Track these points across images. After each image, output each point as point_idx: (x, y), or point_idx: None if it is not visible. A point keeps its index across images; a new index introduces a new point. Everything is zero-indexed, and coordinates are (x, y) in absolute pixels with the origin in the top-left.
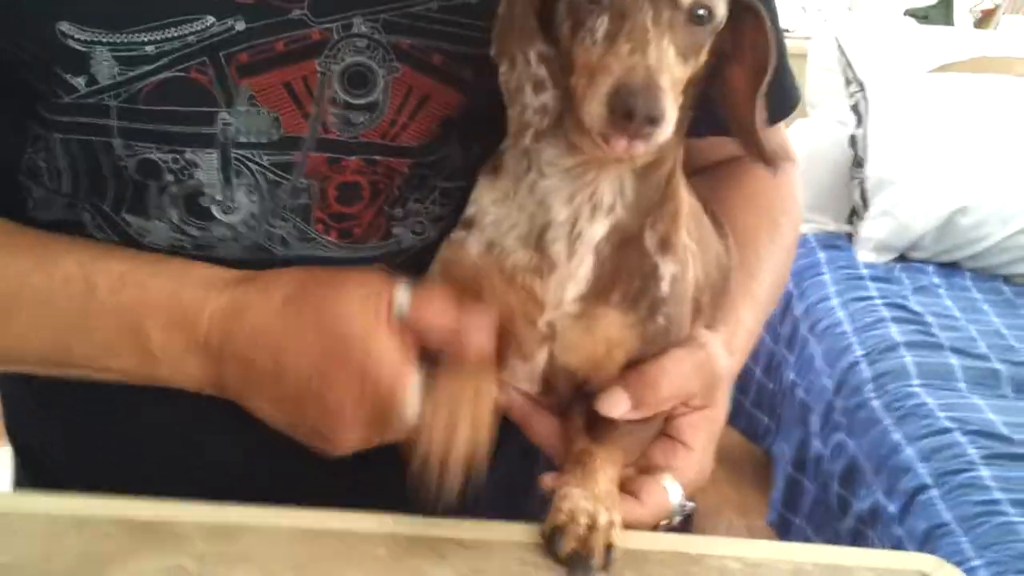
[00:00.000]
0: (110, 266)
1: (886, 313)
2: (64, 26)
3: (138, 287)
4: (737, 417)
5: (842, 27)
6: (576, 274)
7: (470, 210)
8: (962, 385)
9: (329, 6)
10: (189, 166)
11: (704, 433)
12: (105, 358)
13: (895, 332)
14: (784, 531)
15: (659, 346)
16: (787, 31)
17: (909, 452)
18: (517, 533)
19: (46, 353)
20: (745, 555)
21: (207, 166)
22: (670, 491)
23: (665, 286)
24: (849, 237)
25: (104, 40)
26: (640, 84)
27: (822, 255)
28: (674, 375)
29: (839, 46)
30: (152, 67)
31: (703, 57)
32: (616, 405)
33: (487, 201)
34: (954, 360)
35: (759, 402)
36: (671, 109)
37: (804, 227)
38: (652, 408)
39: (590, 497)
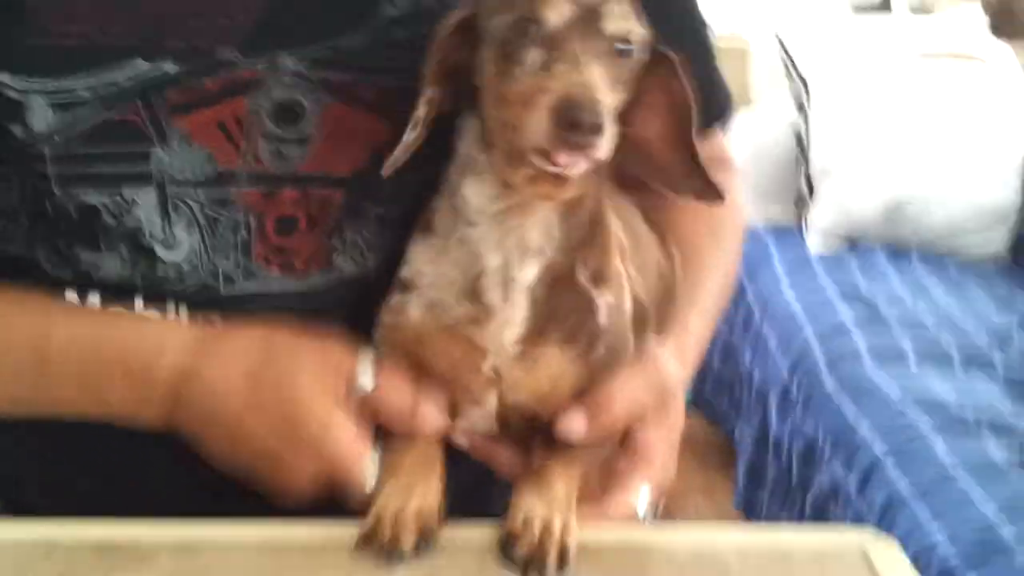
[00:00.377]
0: (58, 321)
1: (836, 296)
2: (2, 76)
3: (88, 346)
4: (698, 405)
5: (783, 24)
6: (513, 318)
7: (405, 272)
8: (913, 362)
9: (257, 45)
10: (129, 204)
11: (663, 442)
12: (66, 407)
13: (846, 315)
14: (751, 511)
15: (605, 372)
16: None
17: (864, 428)
18: (474, 535)
19: (10, 399)
20: (692, 542)
21: (145, 203)
22: (636, 496)
23: (602, 317)
24: (798, 225)
25: (39, 88)
26: (582, 96)
27: (772, 243)
28: (625, 394)
29: (780, 43)
30: (86, 110)
31: (623, 94)
32: (573, 427)
33: (421, 261)
34: (905, 339)
35: (718, 389)
36: (610, 123)
37: (753, 217)
38: (608, 428)
39: (545, 503)
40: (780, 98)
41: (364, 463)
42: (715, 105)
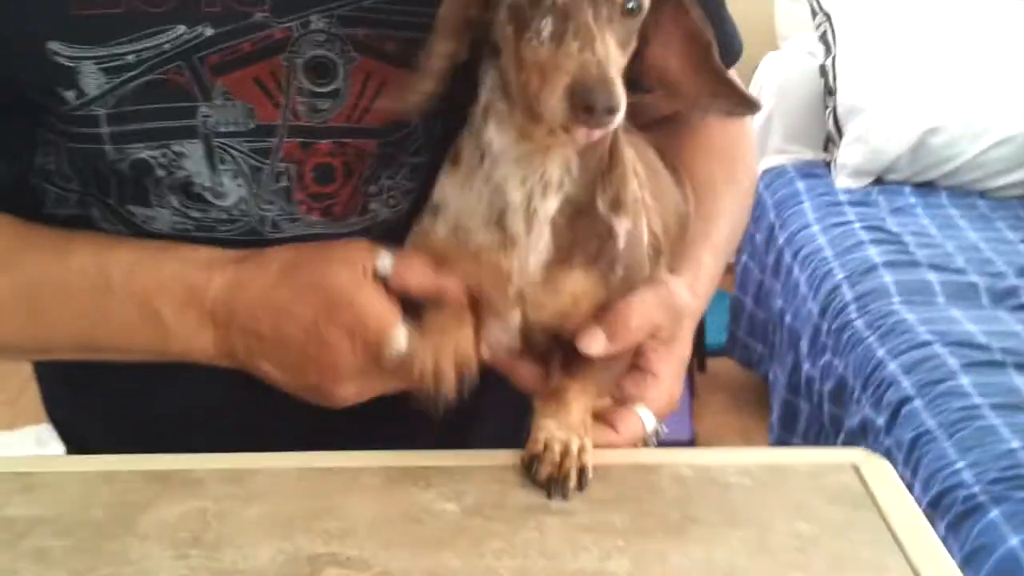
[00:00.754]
0: (121, 256)
1: (865, 236)
2: (54, 45)
3: (148, 273)
4: (733, 348)
5: None
6: (536, 246)
7: (435, 196)
8: (941, 300)
9: (288, 7)
10: (177, 157)
11: (671, 364)
12: (125, 340)
13: (874, 253)
14: None
15: (622, 292)
16: None
17: (893, 367)
18: (495, 458)
19: (72, 341)
20: (697, 462)
21: (193, 156)
22: (644, 419)
23: (620, 242)
24: (826, 165)
25: (89, 55)
26: (596, 79)
27: (801, 184)
28: (642, 310)
29: None
30: (134, 73)
31: (634, 43)
32: (594, 342)
33: (449, 190)
34: (932, 276)
35: (752, 331)
36: (623, 97)
37: (782, 158)
38: (625, 341)
39: (563, 426)
40: (806, 38)
41: (395, 323)
42: (730, 45)
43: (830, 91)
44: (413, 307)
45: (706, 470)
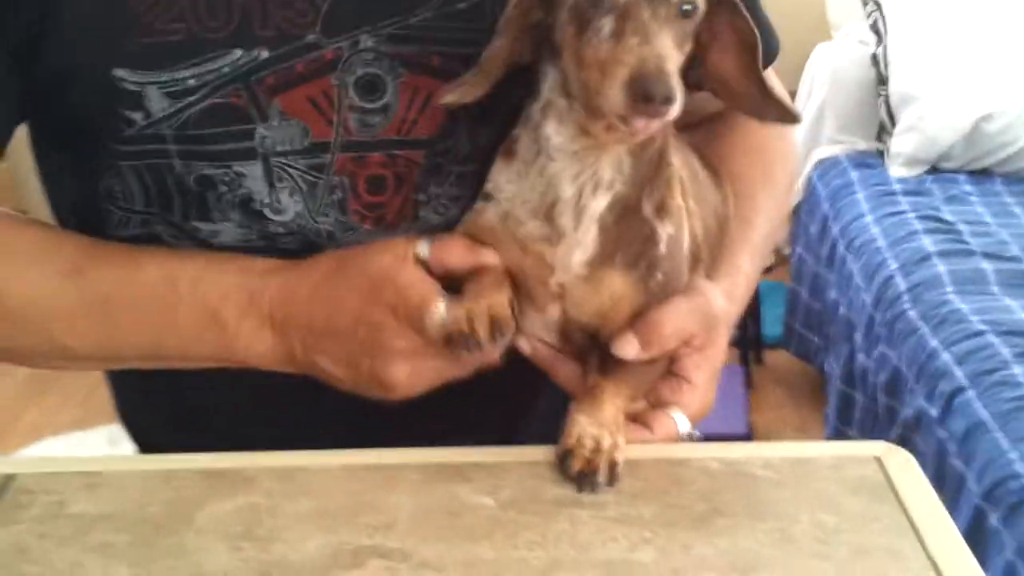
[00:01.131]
0: (186, 268)
1: (918, 225)
2: (119, 72)
3: (212, 284)
4: (790, 340)
5: None
6: (582, 242)
7: (488, 185)
8: (995, 288)
9: (338, 28)
10: (238, 177)
11: (705, 370)
12: (192, 347)
13: (928, 243)
14: None
15: (660, 297)
16: None
17: (946, 357)
18: (530, 454)
19: (141, 350)
20: (723, 455)
21: (252, 175)
22: (678, 422)
23: (662, 247)
24: (880, 154)
25: (152, 80)
26: (655, 70)
27: (854, 174)
28: (676, 318)
29: None
30: (196, 97)
31: (690, 44)
32: (627, 347)
33: (503, 179)
34: (986, 265)
35: (808, 323)
36: (680, 90)
37: (835, 148)
38: (658, 348)
39: (596, 423)
40: (858, 27)
41: (435, 299)
42: (768, 45)
43: (882, 80)
44: (453, 289)
45: (733, 463)
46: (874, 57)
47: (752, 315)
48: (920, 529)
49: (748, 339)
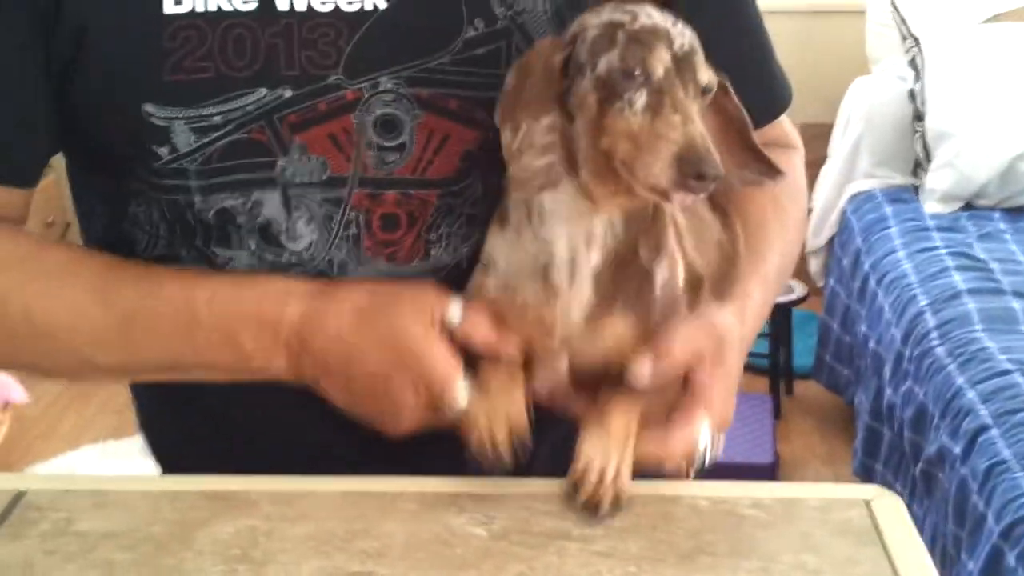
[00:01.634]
0: (205, 287)
1: (950, 262)
2: (148, 107)
3: (229, 302)
4: (819, 372)
5: None
6: (579, 297)
7: (484, 256)
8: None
9: (359, 70)
10: (256, 206)
11: (719, 389)
12: (208, 360)
13: (959, 280)
14: (867, 478)
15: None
16: None
17: (971, 395)
18: (525, 486)
19: (161, 363)
20: (713, 494)
21: (271, 203)
22: (696, 437)
23: (657, 290)
24: (915, 190)
25: (180, 116)
26: (704, 150)
27: (888, 209)
28: (685, 339)
29: (892, 2)
30: (220, 133)
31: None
32: (641, 373)
33: (497, 250)
34: (1016, 304)
35: (839, 356)
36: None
37: (870, 182)
38: (670, 369)
39: (602, 449)
40: (896, 62)
41: (457, 381)
42: (778, 96)
43: (919, 116)
44: (470, 356)
45: (722, 502)
46: (911, 93)
47: (784, 345)
48: (901, 574)
49: (778, 369)
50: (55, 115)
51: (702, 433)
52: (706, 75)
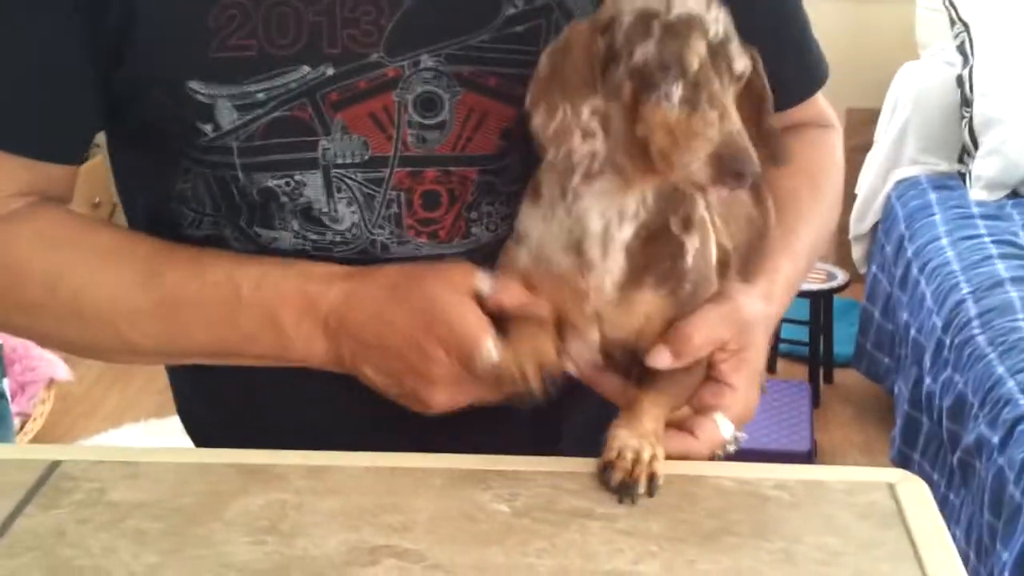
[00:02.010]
0: (249, 271)
1: (994, 250)
2: (193, 84)
3: (272, 287)
4: (860, 360)
5: None
6: (611, 269)
7: (518, 228)
8: None
9: (400, 48)
10: (299, 186)
11: (744, 373)
12: (251, 346)
13: (1002, 268)
14: (904, 468)
15: (691, 306)
16: None
17: (1011, 384)
18: (551, 464)
19: (205, 347)
20: (738, 475)
21: (313, 184)
22: (721, 426)
23: (689, 259)
24: (961, 176)
25: (224, 93)
26: (742, 149)
27: (933, 196)
28: (705, 326)
29: None
30: (263, 110)
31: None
32: (659, 358)
33: (531, 223)
34: None
35: (879, 344)
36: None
37: (915, 168)
38: (690, 356)
39: (635, 436)
40: (946, 48)
41: (487, 338)
42: (814, 74)
43: (967, 102)
44: (500, 321)
45: (746, 483)
46: (959, 79)
47: (824, 333)
48: (923, 558)
49: (818, 356)
50: (102, 93)
51: (724, 423)
52: (741, 63)
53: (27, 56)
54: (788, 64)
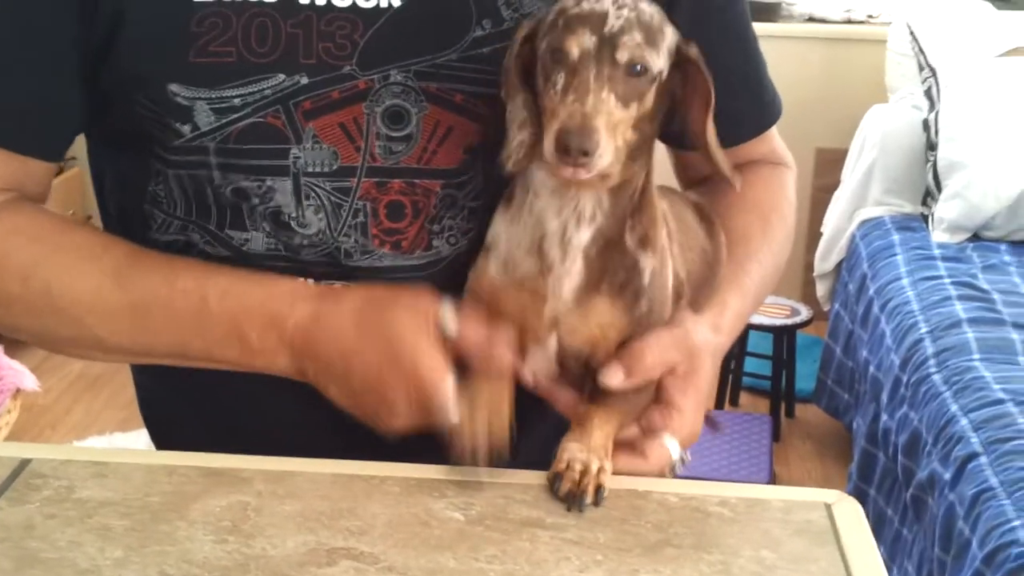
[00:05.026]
0: (217, 281)
1: (953, 291)
2: (173, 87)
3: (238, 299)
4: (820, 396)
5: (914, 13)
6: (570, 272)
7: (489, 237)
8: (1021, 359)
9: (372, 62)
10: (270, 191)
11: (691, 397)
12: (215, 352)
13: (960, 309)
14: (860, 502)
15: (645, 327)
16: (870, 16)
17: (963, 423)
18: (505, 476)
19: (170, 349)
20: (683, 491)
21: (283, 191)
22: (670, 447)
23: (646, 277)
24: (924, 219)
25: (203, 96)
26: (575, 126)
27: (896, 236)
28: (658, 348)
29: (911, 32)
30: (239, 115)
31: (649, 100)
32: (612, 376)
33: (501, 227)
34: (1015, 335)
35: (840, 380)
36: (605, 144)
37: (880, 209)
38: (641, 376)
39: (585, 449)
40: (914, 92)
41: (447, 387)
42: (768, 110)
43: (931, 146)
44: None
45: (691, 499)
46: (925, 123)
47: (786, 368)
48: (853, 574)
49: (780, 391)
50: (85, 92)
51: (672, 444)
52: (632, 53)
53: (16, 51)
54: (742, 100)
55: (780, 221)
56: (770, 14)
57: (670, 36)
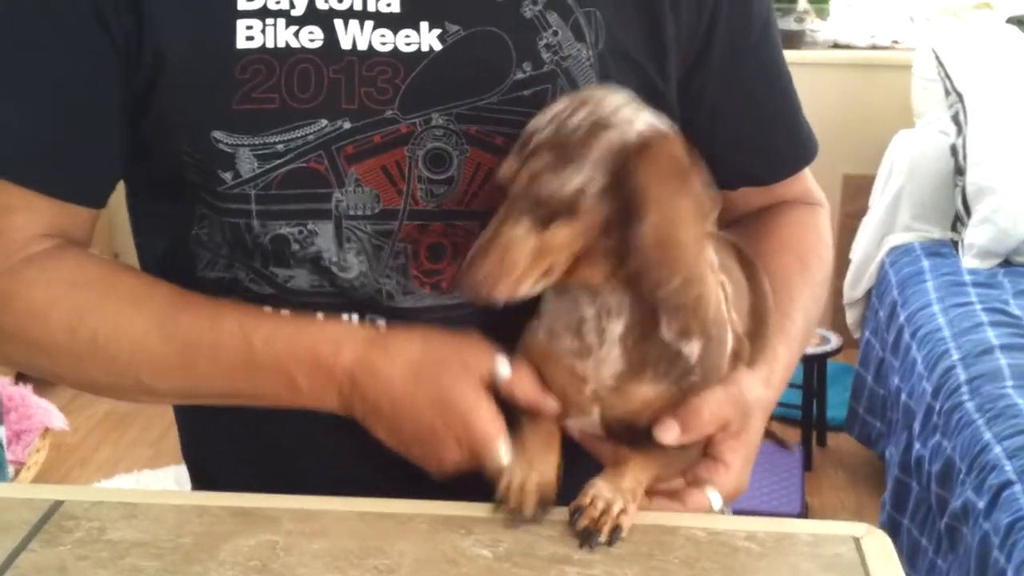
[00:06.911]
0: (262, 325)
1: (984, 317)
2: (217, 134)
3: (284, 343)
4: (852, 425)
5: (941, 38)
6: (608, 359)
7: (541, 304)
8: None
9: (414, 106)
10: (311, 235)
11: (740, 454)
12: (263, 394)
13: (992, 336)
14: (893, 532)
15: (697, 391)
16: (895, 42)
17: (997, 450)
18: (547, 517)
19: (216, 391)
20: (710, 526)
21: (324, 234)
22: (712, 499)
23: (693, 358)
24: (954, 244)
25: (246, 143)
26: (466, 265)
27: (926, 263)
28: (714, 406)
29: (937, 57)
30: (281, 160)
31: (583, 212)
32: (668, 432)
33: (549, 294)
34: None
35: (871, 408)
36: (506, 272)
37: (909, 235)
38: (697, 432)
39: (612, 489)
40: (941, 117)
41: (500, 441)
42: (802, 151)
43: (960, 171)
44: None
45: (718, 534)
46: (953, 148)
47: (817, 397)
48: None
49: (811, 420)
50: (128, 138)
51: (715, 497)
52: (528, 178)
53: (61, 97)
54: (778, 138)
55: (819, 263)
56: (795, 41)
57: (608, 141)
